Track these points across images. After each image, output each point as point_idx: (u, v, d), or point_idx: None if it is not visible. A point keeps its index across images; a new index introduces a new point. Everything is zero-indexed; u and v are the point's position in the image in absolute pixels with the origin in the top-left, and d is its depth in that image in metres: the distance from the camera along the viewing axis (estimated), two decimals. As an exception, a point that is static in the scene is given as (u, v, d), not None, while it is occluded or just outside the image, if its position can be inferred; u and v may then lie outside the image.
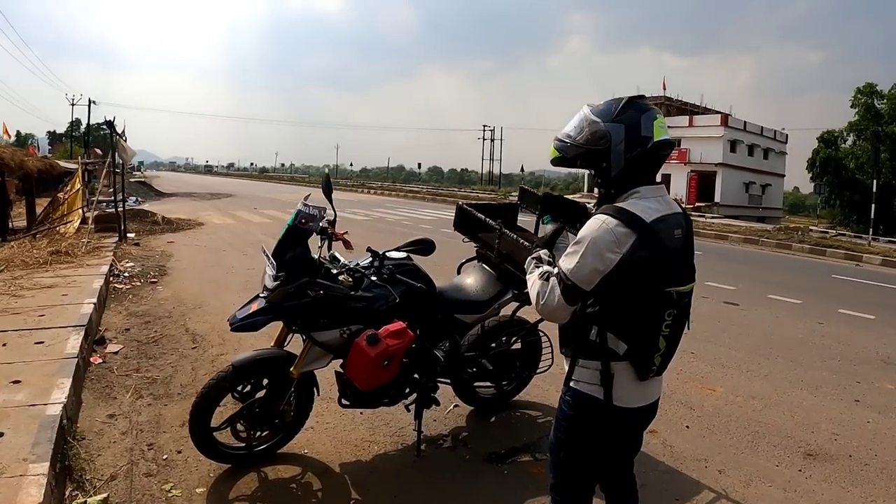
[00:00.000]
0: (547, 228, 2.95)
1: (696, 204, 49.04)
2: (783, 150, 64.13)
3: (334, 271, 3.85)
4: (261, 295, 3.70)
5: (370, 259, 4.02)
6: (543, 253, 2.55)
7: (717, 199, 52.24)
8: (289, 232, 3.67)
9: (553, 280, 2.25)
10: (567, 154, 2.35)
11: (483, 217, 4.23)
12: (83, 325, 6.21)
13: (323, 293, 3.61)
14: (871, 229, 24.42)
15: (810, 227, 29.91)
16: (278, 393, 3.83)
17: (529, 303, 3.42)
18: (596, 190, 2.47)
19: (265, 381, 3.87)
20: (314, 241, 3.93)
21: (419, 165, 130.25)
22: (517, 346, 4.76)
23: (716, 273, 12.49)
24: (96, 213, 15.40)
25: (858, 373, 6.46)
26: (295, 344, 3.94)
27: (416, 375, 4.10)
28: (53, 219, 15.74)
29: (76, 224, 14.53)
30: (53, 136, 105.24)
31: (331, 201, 4.01)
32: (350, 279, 3.87)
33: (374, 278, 3.83)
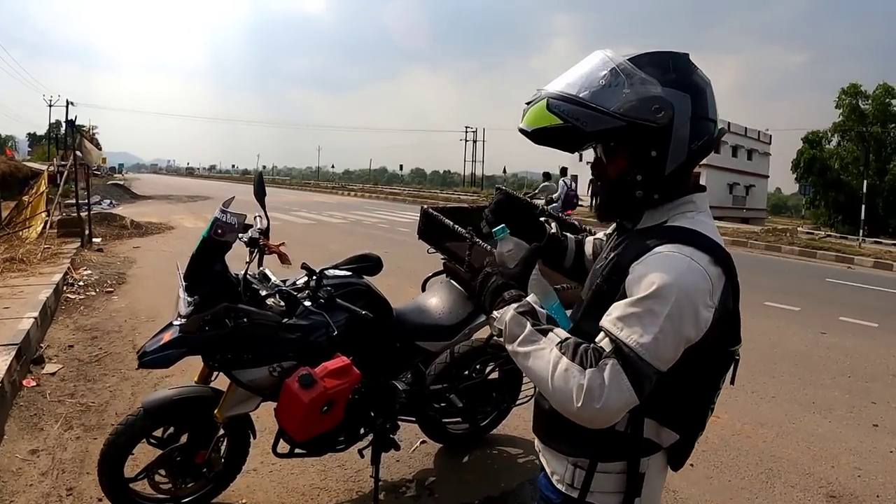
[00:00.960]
0: (506, 247, 1.78)
1: (681, 205, 49.14)
2: (767, 150, 64.66)
3: (263, 293, 3.16)
4: (174, 322, 3.00)
5: (305, 278, 3.34)
6: (532, 299, 1.53)
7: (701, 200, 52.45)
8: (203, 245, 2.97)
9: (611, 363, 1.32)
10: (584, 124, 1.40)
11: (451, 224, 3.43)
12: (16, 344, 5.58)
13: (247, 321, 2.92)
14: (861, 230, 24.29)
15: (798, 229, 29.74)
16: (202, 439, 3.21)
17: None
18: (591, 194, 1.58)
19: (185, 426, 3.24)
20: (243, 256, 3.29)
21: (401, 167, 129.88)
22: (494, 374, 4.08)
23: (707, 278, 11.94)
24: (59, 217, 14.82)
25: (872, 391, 5.96)
26: (224, 379, 3.25)
27: (372, 414, 3.45)
28: (16, 223, 15.13)
29: (38, 229, 13.88)
30: (34, 138, 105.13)
31: (263, 206, 3.39)
32: (282, 303, 3.18)
33: (307, 303, 3.12)
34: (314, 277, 3.25)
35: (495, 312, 1.54)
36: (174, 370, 3.51)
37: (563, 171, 18.61)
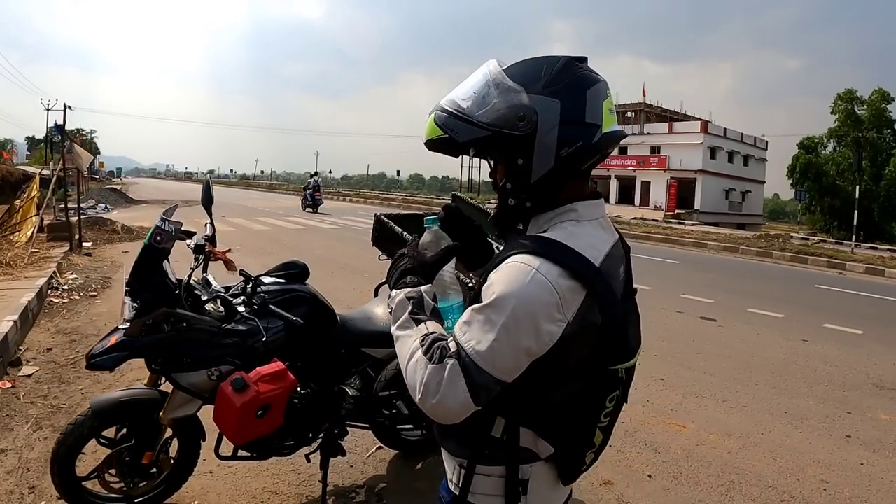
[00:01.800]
0: (428, 237, 1.66)
1: (676, 211, 49.23)
2: (763, 156, 64.74)
3: (204, 298, 3.20)
4: (120, 327, 3.07)
5: (242, 284, 3.37)
6: (426, 289, 1.51)
7: (696, 206, 52.58)
8: (144, 252, 3.01)
9: (451, 364, 1.32)
10: (457, 134, 1.44)
11: (399, 230, 3.44)
12: (-7, 346, 5.63)
13: (185, 326, 3.00)
14: (853, 236, 24.30)
15: (791, 235, 29.74)
16: (148, 440, 3.25)
17: None
18: (498, 198, 1.56)
19: (131, 427, 3.29)
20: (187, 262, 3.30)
21: (398, 173, 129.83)
22: None
23: (693, 284, 12.05)
24: (49, 221, 14.82)
25: (849, 400, 5.90)
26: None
27: (320, 419, 3.48)
28: (7, 227, 15.13)
29: (28, 233, 13.87)
30: (32, 142, 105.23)
31: (210, 213, 3.41)
32: (221, 309, 3.22)
33: (242, 309, 3.19)
34: (250, 284, 3.30)
35: (392, 291, 1.55)
36: (146, 373, 3.53)
37: None
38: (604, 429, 1.51)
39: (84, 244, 14.33)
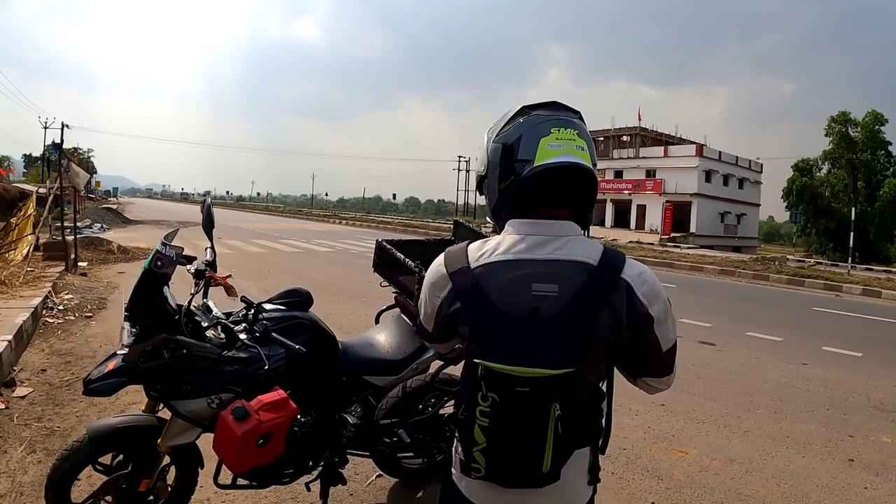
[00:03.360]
0: None
1: (672, 234, 49.36)
2: (758, 179, 65.04)
3: (204, 324, 3.14)
4: (118, 352, 3.01)
5: (244, 311, 3.33)
6: None
7: (692, 229, 52.77)
8: (144, 277, 2.96)
9: None
10: (477, 176, 1.85)
11: (402, 257, 3.43)
12: (-14, 367, 5.56)
13: (185, 352, 2.93)
14: (849, 258, 24.35)
15: (787, 257, 29.81)
16: (145, 467, 3.18)
17: (455, 362, 2.87)
18: None
19: (128, 454, 3.22)
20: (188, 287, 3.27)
21: (394, 196, 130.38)
22: (447, 409, 3.90)
23: (691, 308, 12.00)
24: (45, 240, 14.77)
25: (850, 424, 5.86)
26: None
27: (320, 447, 3.41)
28: (2, 245, 15.07)
29: (24, 251, 13.81)
30: (29, 160, 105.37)
31: (211, 238, 3.36)
32: (222, 335, 3.15)
33: (243, 336, 3.13)
34: (252, 311, 3.26)
35: None
36: (142, 396, 3.48)
37: None
38: (486, 430, 1.53)
39: (80, 264, 14.30)
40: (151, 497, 3.24)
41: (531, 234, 1.64)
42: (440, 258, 1.74)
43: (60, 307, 9.55)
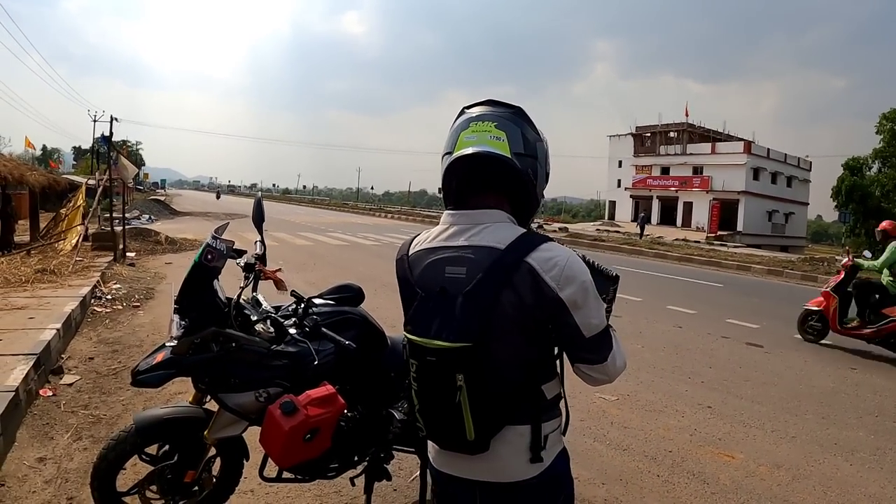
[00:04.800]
0: None
1: (718, 233, 48.68)
2: (807, 177, 63.85)
3: (254, 318, 3.14)
4: (167, 344, 3.03)
5: (294, 305, 3.34)
6: None
7: (739, 227, 51.95)
8: (194, 270, 2.98)
9: None
10: None
11: None
12: (35, 354, 5.70)
13: (234, 346, 2.93)
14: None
15: (836, 258, 29.15)
16: (191, 459, 3.20)
17: None
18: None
19: (175, 445, 3.24)
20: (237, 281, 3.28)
21: (439, 190, 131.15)
22: None
23: (737, 309, 11.85)
24: (94, 230, 15.04)
25: (899, 432, 5.69)
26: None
27: (366, 442, 3.39)
28: (52, 235, 15.39)
29: (73, 241, 14.09)
30: (78, 152, 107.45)
31: (261, 232, 3.39)
32: (272, 329, 3.16)
33: (293, 331, 3.12)
34: (302, 305, 3.25)
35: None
36: (187, 385, 3.51)
37: None
38: (417, 393, 1.79)
39: (128, 254, 14.56)
40: (196, 488, 3.27)
41: (454, 223, 1.82)
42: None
43: (108, 297, 9.75)
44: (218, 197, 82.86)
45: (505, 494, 1.77)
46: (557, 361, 1.84)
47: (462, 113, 1.82)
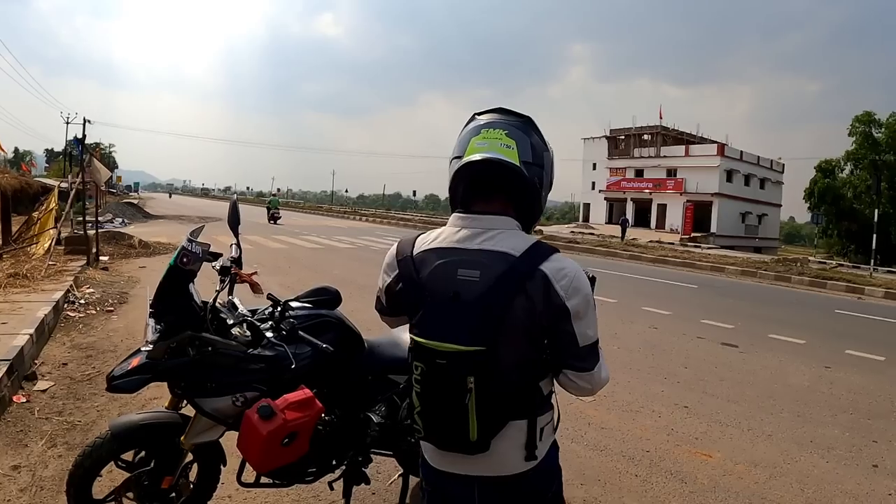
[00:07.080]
0: None
1: (692, 234, 49.05)
2: (780, 179, 64.59)
3: (230, 322, 3.11)
4: (142, 349, 2.98)
5: (270, 308, 3.30)
6: None
7: (712, 229, 52.42)
8: (170, 273, 2.93)
9: None
10: None
11: None
12: (8, 360, 5.60)
13: (210, 350, 2.89)
14: (871, 260, 24.07)
15: (809, 259, 29.52)
16: (168, 465, 3.15)
17: None
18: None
19: (151, 451, 3.20)
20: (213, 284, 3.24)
21: (414, 193, 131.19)
22: None
23: (712, 309, 11.95)
24: (66, 234, 14.87)
25: (874, 429, 5.77)
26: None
27: (344, 446, 3.37)
28: (24, 238, 15.19)
29: (46, 245, 13.91)
30: (51, 154, 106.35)
31: (236, 235, 3.36)
32: (248, 333, 3.13)
33: (270, 334, 3.09)
34: (278, 308, 3.22)
35: None
36: (163, 391, 3.47)
37: None
38: (419, 395, 1.80)
39: (101, 258, 14.39)
40: (173, 494, 3.22)
41: (464, 227, 1.82)
42: (395, 244, 1.96)
43: (82, 301, 9.61)
44: (170, 196, 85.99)
45: (503, 487, 1.82)
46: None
47: (473, 119, 1.86)
